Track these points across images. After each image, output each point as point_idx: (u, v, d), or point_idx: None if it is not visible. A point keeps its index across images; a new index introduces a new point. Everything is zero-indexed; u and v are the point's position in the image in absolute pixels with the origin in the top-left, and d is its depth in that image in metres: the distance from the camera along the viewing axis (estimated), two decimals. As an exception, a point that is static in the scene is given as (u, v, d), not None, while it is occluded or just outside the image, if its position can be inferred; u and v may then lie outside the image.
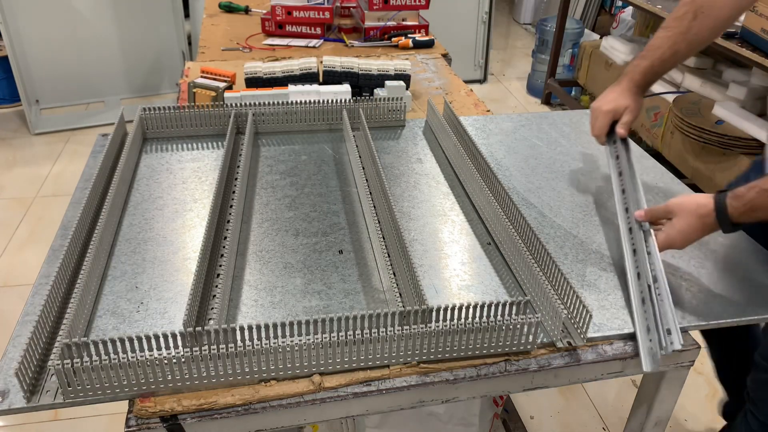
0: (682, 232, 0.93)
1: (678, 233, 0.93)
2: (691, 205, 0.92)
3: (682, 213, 0.93)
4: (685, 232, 0.93)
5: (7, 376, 0.77)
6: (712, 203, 0.91)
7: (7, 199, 2.79)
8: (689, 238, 0.93)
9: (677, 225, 0.93)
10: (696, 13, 1.11)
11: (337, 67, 1.50)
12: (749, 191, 0.89)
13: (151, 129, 1.34)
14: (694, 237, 0.93)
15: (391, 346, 0.79)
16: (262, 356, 0.76)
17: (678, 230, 0.93)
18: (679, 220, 0.93)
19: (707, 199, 0.92)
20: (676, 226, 0.93)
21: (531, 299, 0.90)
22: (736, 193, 0.90)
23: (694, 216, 0.92)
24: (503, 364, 0.83)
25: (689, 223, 0.92)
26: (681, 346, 0.81)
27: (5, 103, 3.58)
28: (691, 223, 0.92)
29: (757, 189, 0.89)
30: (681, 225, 0.93)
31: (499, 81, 4.26)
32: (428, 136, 1.40)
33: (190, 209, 1.11)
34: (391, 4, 2.00)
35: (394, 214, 0.96)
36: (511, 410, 1.65)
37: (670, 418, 0.99)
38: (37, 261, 2.08)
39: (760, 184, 0.89)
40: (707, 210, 0.91)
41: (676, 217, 0.94)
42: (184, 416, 0.75)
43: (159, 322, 0.86)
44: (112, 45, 3.50)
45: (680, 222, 0.93)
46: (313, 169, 1.25)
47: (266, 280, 0.94)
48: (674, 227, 0.93)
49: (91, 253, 0.89)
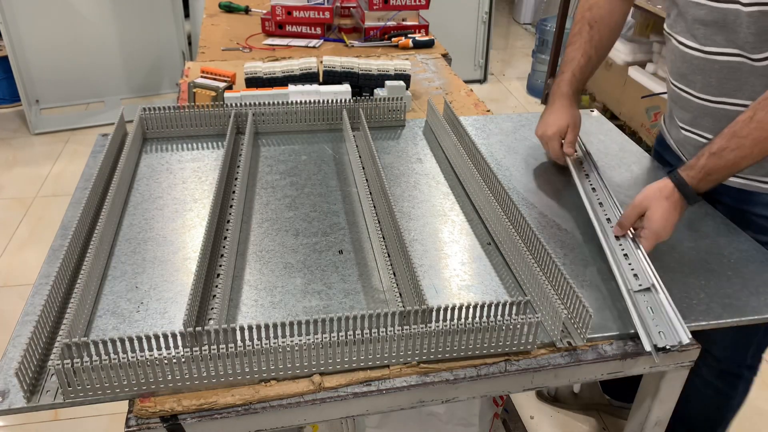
0: (661, 218, 0.95)
1: (658, 221, 0.95)
2: (654, 192, 0.97)
3: (650, 202, 0.96)
4: (663, 217, 0.96)
5: (7, 376, 0.77)
6: (671, 182, 0.96)
7: (7, 199, 2.79)
8: (669, 222, 0.96)
9: (653, 216, 0.96)
10: (591, 24, 1.23)
11: (337, 67, 1.50)
12: (699, 159, 0.96)
13: (151, 129, 1.34)
14: (672, 219, 0.96)
15: (391, 346, 0.79)
16: (262, 356, 0.76)
17: (657, 219, 0.96)
18: (652, 210, 0.96)
19: (665, 181, 0.97)
20: (653, 218, 0.96)
21: (531, 299, 0.90)
22: (688, 165, 0.97)
23: (662, 199, 0.96)
24: (503, 364, 0.83)
25: (662, 206, 0.96)
26: (689, 339, 0.82)
27: (5, 103, 3.58)
28: (664, 206, 0.95)
29: (705, 155, 0.95)
30: (657, 214, 0.96)
31: (499, 81, 4.26)
32: (428, 136, 1.40)
33: (190, 209, 1.11)
34: (391, 4, 2.00)
35: (394, 214, 0.96)
36: (511, 410, 1.65)
37: (669, 417, 0.99)
38: (37, 261, 2.08)
39: (707, 149, 0.96)
40: (669, 189, 0.96)
41: (648, 210, 0.97)
42: (184, 416, 0.75)
43: (159, 322, 0.86)
44: (112, 45, 3.50)
45: (654, 212, 0.96)
46: (313, 169, 1.25)
47: (266, 280, 0.94)
48: (652, 219, 0.96)
49: (91, 253, 0.89)
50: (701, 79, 1.09)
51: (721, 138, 0.95)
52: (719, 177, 0.97)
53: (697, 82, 1.10)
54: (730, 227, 1.09)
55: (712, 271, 0.98)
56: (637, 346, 0.86)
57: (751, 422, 1.81)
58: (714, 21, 1.03)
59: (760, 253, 1.03)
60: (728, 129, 0.95)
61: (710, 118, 1.12)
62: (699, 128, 1.16)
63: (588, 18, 1.24)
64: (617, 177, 1.24)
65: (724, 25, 1.02)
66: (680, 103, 1.18)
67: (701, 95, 1.10)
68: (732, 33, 1.01)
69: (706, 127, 1.14)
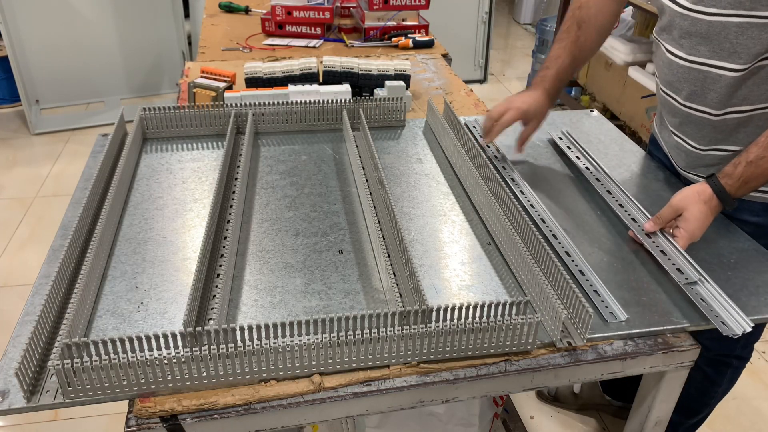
0: (697, 220, 0.99)
1: (695, 223, 0.99)
2: (693, 195, 1.00)
3: (689, 205, 1.00)
4: (699, 219, 0.99)
5: (7, 376, 0.77)
6: (709, 188, 1.00)
7: (7, 199, 2.79)
8: (704, 224, 1.00)
9: (691, 217, 0.99)
10: (579, 23, 1.24)
11: (337, 67, 1.50)
12: (737, 168, 0.99)
13: (151, 129, 1.34)
14: (707, 222, 1.01)
15: (391, 346, 0.79)
16: (262, 356, 0.76)
17: (694, 221, 0.99)
18: (690, 212, 1.00)
19: (703, 186, 1.01)
20: (690, 219, 0.99)
21: (531, 299, 0.90)
22: (725, 173, 1.00)
23: (701, 203, 0.99)
24: (503, 364, 0.83)
25: (700, 210, 0.99)
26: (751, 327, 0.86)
27: (5, 103, 3.58)
28: (702, 210, 0.99)
29: (743, 164, 0.99)
30: (694, 215, 0.99)
31: (499, 81, 4.26)
32: (428, 136, 1.40)
33: (190, 209, 1.11)
34: (391, 4, 2.00)
35: (394, 214, 0.96)
36: (511, 410, 1.65)
37: (669, 417, 0.99)
38: (37, 261, 2.08)
39: (743, 158, 0.99)
40: (708, 195, 1.00)
41: (686, 211, 1.00)
42: (184, 416, 0.75)
43: (159, 322, 0.86)
44: (112, 45, 3.50)
45: (692, 213, 0.99)
46: (313, 169, 1.25)
47: (266, 280, 0.94)
48: (689, 220, 0.99)
49: (91, 253, 0.89)
50: (687, 87, 1.11)
51: (757, 147, 0.98)
52: (756, 184, 1.00)
53: (682, 90, 1.12)
54: (730, 227, 1.09)
55: (712, 271, 0.98)
56: (637, 345, 0.86)
57: (751, 422, 1.81)
58: (698, 32, 1.05)
59: (760, 253, 1.03)
60: (764, 138, 0.98)
61: (694, 125, 1.15)
62: (684, 135, 1.18)
63: (577, 17, 1.25)
64: (617, 177, 1.24)
65: (707, 36, 1.03)
66: (667, 108, 1.20)
67: (686, 103, 1.13)
68: (716, 44, 1.03)
69: (690, 134, 1.17)
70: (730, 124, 1.09)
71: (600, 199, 1.16)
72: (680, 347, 0.87)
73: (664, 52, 1.14)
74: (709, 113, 1.09)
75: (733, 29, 0.99)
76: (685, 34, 1.07)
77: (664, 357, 0.87)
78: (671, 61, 1.12)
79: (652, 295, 0.93)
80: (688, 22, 1.05)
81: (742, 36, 0.99)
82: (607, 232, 1.07)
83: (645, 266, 0.99)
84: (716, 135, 1.12)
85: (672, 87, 1.15)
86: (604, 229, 1.08)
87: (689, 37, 1.06)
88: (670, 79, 1.15)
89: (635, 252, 1.02)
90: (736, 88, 1.04)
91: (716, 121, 1.09)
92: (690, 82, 1.10)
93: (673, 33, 1.10)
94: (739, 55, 1.01)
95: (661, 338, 0.87)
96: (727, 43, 1.01)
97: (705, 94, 1.09)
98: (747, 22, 0.98)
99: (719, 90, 1.06)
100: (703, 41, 1.04)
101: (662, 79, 1.19)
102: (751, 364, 1.97)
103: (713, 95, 1.07)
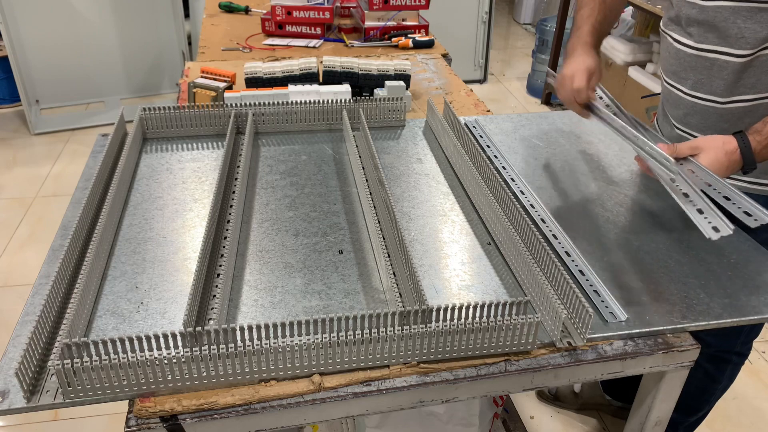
0: (711, 163, 0.97)
1: (707, 161, 0.97)
2: (717, 142, 0.97)
3: (709, 148, 0.97)
4: (712, 163, 0.97)
5: (7, 376, 0.77)
6: (735, 142, 0.97)
7: (7, 199, 2.79)
8: (715, 170, 0.97)
9: (704, 161, 0.97)
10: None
11: (337, 67, 1.50)
12: (766, 125, 0.96)
13: (151, 129, 1.34)
14: (720, 171, 0.97)
15: (391, 346, 0.79)
16: (262, 356, 0.76)
17: (707, 160, 0.97)
18: (706, 155, 0.97)
19: (729, 137, 0.97)
20: (703, 162, 0.97)
21: (531, 299, 0.90)
22: (754, 129, 0.97)
23: (722, 152, 0.96)
24: (503, 364, 0.83)
25: (717, 157, 0.96)
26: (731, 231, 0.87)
27: (5, 103, 3.58)
28: (719, 158, 0.96)
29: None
30: (708, 160, 0.97)
31: (499, 81, 4.26)
32: (428, 136, 1.40)
33: (190, 209, 1.11)
34: (391, 4, 2.00)
35: (394, 214, 0.96)
36: (511, 410, 1.65)
37: (669, 417, 0.99)
38: (37, 261, 2.09)
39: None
40: (732, 147, 0.96)
41: (703, 153, 0.97)
42: (184, 416, 0.75)
43: (159, 322, 0.86)
44: (112, 45, 3.50)
45: (707, 157, 0.97)
46: (313, 169, 1.25)
47: (266, 280, 0.94)
48: (702, 158, 0.97)
49: (91, 253, 0.89)
50: (693, 76, 1.11)
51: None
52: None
53: (688, 79, 1.13)
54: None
55: (712, 271, 0.98)
56: (637, 345, 0.86)
57: (751, 421, 1.81)
58: (706, 20, 1.05)
59: (760, 253, 1.03)
60: None
61: (699, 116, 1.15)
62: (689, 126, 1.18)
63: None
64: (617, 177, 1.24)
65: (715, 23, 1.04)
66: (672, 100, 1.20)
67: (692, 92, 1.13)
68: (723, 31, 1.04)
69: (695, 125, 1.17)
70: (736, 113, 1.09)
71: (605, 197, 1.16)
72: (680, 347, 0.87)
73: (671, 42, 1.14)
74: (716, 101, 1.09)
75: (742, 13, 1.00)
76: (693, 22, 1.07)
77: (664, 357, 0.87)
78: (678, 50, 1.12)
79: (652, 295, 0.93)
80: (696, 10, 1.06)
81: (750, 20, 1.00)
82: (608, 232, 1.07)
83: (645, 266, 0.99)
84: (722, 125, 1.12)
85: (677, 77, 1.15)
86: (605, 229, 1.08)
87: (697, 25, 1.07)
88: (675, 69, 1.15)
89: (635, 252, 1.02)
90: (741, 74, 1.05)
91: (722, 110, 1.09)
92: (696, 70, 1.10)
93: (681, 23, 1.10)
94: (746, 40, 1.01)
95: (661, 338, 0.87)
96: (735, 28, 1.02)
97: (711, 81, 1.09)
98: (756, 6, 0.98)
99: (726, 77, 1.06)
100: (711, 29, 1.05)
101: (667, 70, 1.19)
102: (751, 363, 1.98)
103: (720, 82, 1.07)
